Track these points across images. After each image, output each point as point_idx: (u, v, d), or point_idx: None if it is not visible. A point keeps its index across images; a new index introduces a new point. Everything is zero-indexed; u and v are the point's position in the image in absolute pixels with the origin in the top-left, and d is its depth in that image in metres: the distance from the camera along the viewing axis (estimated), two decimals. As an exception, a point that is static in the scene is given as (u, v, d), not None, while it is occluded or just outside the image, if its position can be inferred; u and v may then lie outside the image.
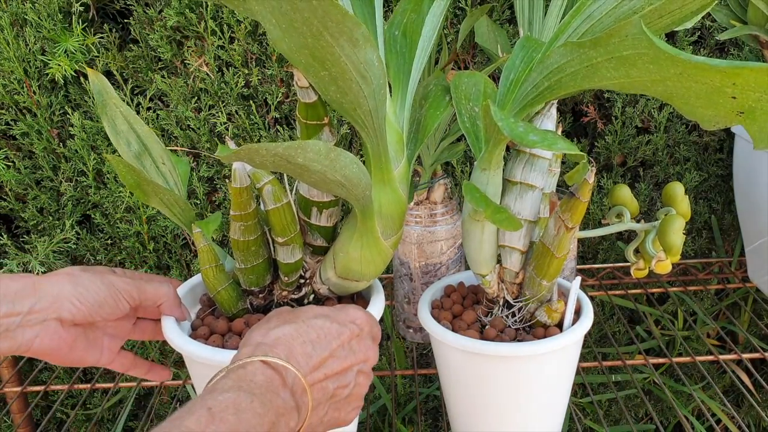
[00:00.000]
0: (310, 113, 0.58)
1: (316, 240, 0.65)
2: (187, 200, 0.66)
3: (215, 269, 0.65)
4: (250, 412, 0.46)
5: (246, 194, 0.59)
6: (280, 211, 0.60)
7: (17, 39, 1.04)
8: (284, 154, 0.47)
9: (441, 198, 0.87)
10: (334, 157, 0.49)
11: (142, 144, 0.67)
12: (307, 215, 0.64)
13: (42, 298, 0.58)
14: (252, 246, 0.63)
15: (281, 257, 0.64)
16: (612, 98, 1.09)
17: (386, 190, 0.59)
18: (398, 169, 0.60)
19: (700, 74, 0.42)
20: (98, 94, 0.65)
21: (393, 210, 0.60)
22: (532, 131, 0.49)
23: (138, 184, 0.62)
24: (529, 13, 0.72)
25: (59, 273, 0.61)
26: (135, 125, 0.66)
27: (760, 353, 0.94)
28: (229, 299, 0.66)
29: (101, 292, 0.61)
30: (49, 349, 0.60)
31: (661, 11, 0.50)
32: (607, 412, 1.24)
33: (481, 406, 0.69)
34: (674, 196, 0.71)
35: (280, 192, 0.60)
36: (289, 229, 0.61)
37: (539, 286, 0.65)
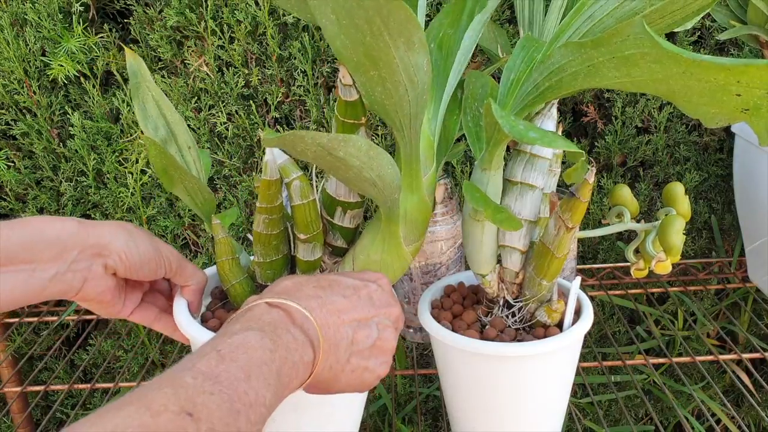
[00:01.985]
0: (349, 111, 0.58)
1: (336, 240, 0.65)
2: (210, 191, 0.65)
3: (231, 262, 0.64)
4: (260, 349, 0.46)
5: (274, 188, 0.59)
6: (305, 207, 0.60)
7: (17, 39, 1.04)
8: (327, 145, 0.47)
9: (441, 198, 0.87)
10: (374, 155, 0.50)
11: (170, 130, 0.66)
12: (331, 215, 0.64)
13: (93, 244, 0.58)
14: (273, 240, 0.62)
15: (301, 254, 0.63)
16: (612, 98, 1.09)
17: (413, 196, 0.59)
18: (427, 176, 0.60)
19: (703, 73, 0.42)
20: (133, 75, 0.65)
21: (418, 216, 0.61)
22: (531, 129, 0.49)
23: (165, 169, 0.61)
24: (529, 13, 0.72)
25: (114, 223, 0.61)
26: (165, 111, 0.66)
27: (760, 353, 0.94)
28: (242, 293, 0.66)
29: (148, 253, 0.61)
30: (94, 295, 0.60)
31: (663, 12, 0.50)
32: (607, 413, 1.24)
33: (481, 406, 0.69)
34: (674, 196, 0.71)
35: (307, 188, 0.59)
36: (312, 226, 0.61)
37: (539, 286, 0.65)
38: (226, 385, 0.42)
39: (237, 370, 0.43)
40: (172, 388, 0.40)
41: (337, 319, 0.52)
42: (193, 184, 0.63)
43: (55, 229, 0.57)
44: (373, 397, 1.12)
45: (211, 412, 0.40)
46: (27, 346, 1.19)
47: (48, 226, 0.57)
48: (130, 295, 0.65)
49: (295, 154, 0.50)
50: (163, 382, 0.40)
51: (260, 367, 0.45)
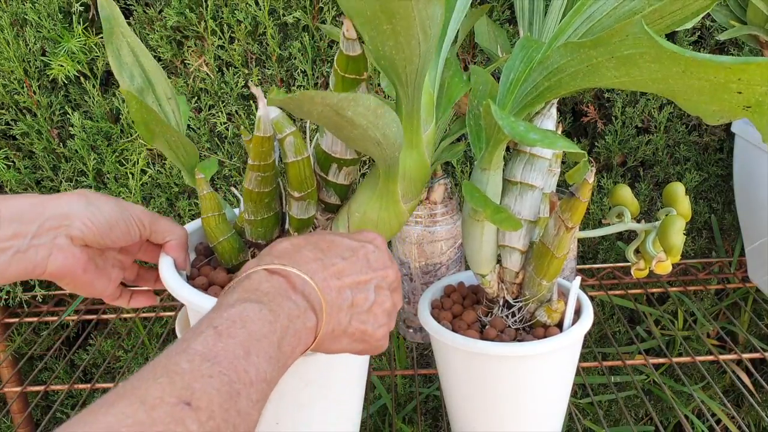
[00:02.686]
0: (351, 66, 0.56)
1: (330, 197, 0.63)
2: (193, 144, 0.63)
3: (217, 218, 0.62)
4: (259, 322, 0.44)
5: (267, 144, 0.57)
6: (299, 164, 0.58)
7: (17, 39, 1.04)
8: (336, 105, 0.46)
9: (441, 198, 0.87)
10: (381, 113, 0.48)
11: (147, 79, 0.64)
12: (325, 171, 0.62)
13: (51, 216, 0.56)
14: (265, 198, 0.61)
15: (294, 212, 0.61)
16: (612, 98, 1.09)
17: (413, 153, 0.58)
18: (427, 132, 0.59)
19: (703, 71, 0.42)
20: (106, 21, 0.62)
21: (417, 174, 0.59)
22: (532, 130, 0.49)
23: (146, 123, 0.59)
24: (529, 13, 0.72)
25: (71, 193, 0.59)
26: (141, 58, 0.63)
27: (760, 353, 0.94)
28: (230, 250, 0.63)
29: (114, 214, 0.59)
30: (63, 269, 0.57)
31: (662, 12, 0.50)
32: (607, 413, 1.24)
33: (481, 406, 0.69)
34: (674, 196, 0.71)
35: (301, 145, 0.57)
36: (306, 183, 0.59)
37: (539, 286, 0.65)
38: (225, 366, 0.40)
39: (236, 347, 0.42)
40: (167, 376, 0.38)
41: (338, 281, 0.51)
42: (175, 137, 0.61)
43: (9, 207, 0.55)
44: (373, 397, 1.12)
45: (210, 398, 0.38)
46: (27, 346, 1.19)
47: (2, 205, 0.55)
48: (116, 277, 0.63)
49: (299, 113, 0.49)
50: (157, 370, 0.39)
51: (260, 341, 0.43)
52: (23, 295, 1.11)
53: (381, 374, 1.02)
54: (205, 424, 0.37)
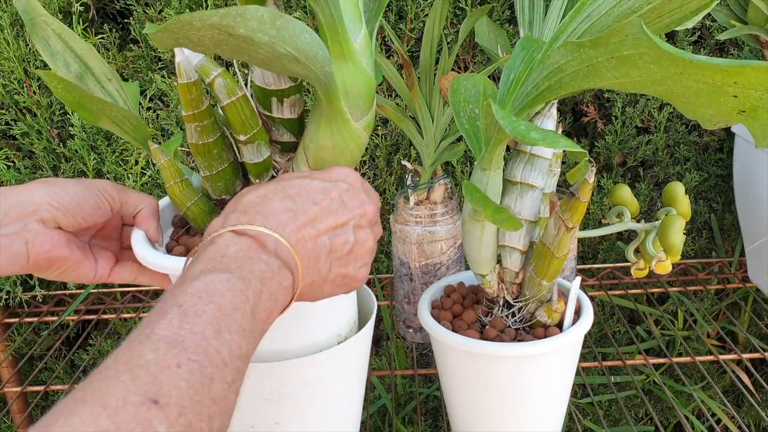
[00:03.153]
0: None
1: (282, 136, 0.60)
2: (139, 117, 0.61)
3: (181, 184, 0.61)
4: (228, 293, 0.41)
5: (195, 90, 0.55)
6: (236, 105, 0.55)
7: (17, 39, 1.04)
8: (222, 24, 0.42)
9: (441, 198, 0.87)
10: (281, 24, 0.44)
11: (82, 63, 0.62)
12: (268, 108, 0.59)
13: (15, 205, 0.55)
14: (213, 149, 0.58)
15: (248, 157, 0.59)
16: (612, 98, 1.09)
17: (348, 65, 0.54)
18: (359, 39, 0.55)
19: (701, 73, 0.42)
20: (25, 14, 0.59)
21: (359, 86, 0.55)
22: (534, 129, 0.49)
23: (80, 103, 0.57)
24: (529, 13, 0.72)
25: (30, 183, 0.57)
26: (71, 42, 0.61)
27: (760, 353, 0.94)
28: (201, 213, 0.62)
29: (78, 192, 0.58)
30: (46, 253, 0.56)
31: (661, 11, 0.50)
32: (607, 413, 1.24)
33: (481, 407, 0.69)
34: (674, 196, 0.71)
35: (233, 84, 0.55)
36: (249, 124, 0.57)
37: (539, 286, 0.65)
38: (193, 350, 0.37)
39: (204, 327, 0.39)
40: (130, 371, 0.35)
41: (313, 230, 0.48)
42: (116, 112, 0.59)
43: None
44: (373, 398, 1.12)
45: (180, 391, 0.35)
46: (27, 347, 1.19)
47: None
48: (101, 254, 0.62)
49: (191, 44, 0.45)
50: (120, 365, 0.35)
51: (231, 315, 0.40)
52: (23, 295, 1.11)
53: (381, 374, 1.02)
54: (174, 423, 0.34)
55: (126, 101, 0.63)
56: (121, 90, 0.63)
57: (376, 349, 1.20)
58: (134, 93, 0.65)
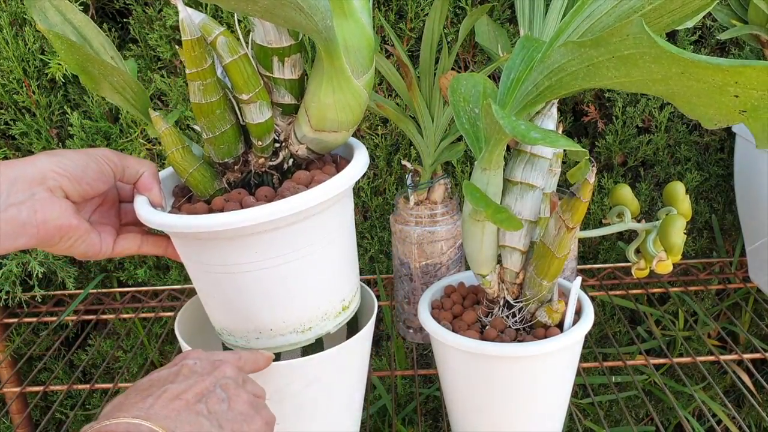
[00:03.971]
0: None
1: (283, 98, 0.60)
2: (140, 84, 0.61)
3: (181, 151, 0.61)
4: None
5: (199, 47, 0.55)
6: (238, 63, 0.56)
7: (16, 38, 1.04)
8: None
9: (441, 198, 0.87)
10: None
11: (81, 35, 0.62)
12: (269, 68, 0.59)
13: (20, 175, 0.55)
14: (216, 109, 0.58)
15: (250, 117, 0.59)
16: (613, 98, 1.09)
17: (348, 22, 0.54)
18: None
19: (702, 73, 0.41)
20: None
21: (359, 43, 0.56)
22: (534, 129, 0.49)
23: (83, 66, 0.57)
24: (529, 12, 0.72)
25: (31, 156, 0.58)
26: (69, 15, 0.61)
27: (761, 353, 0.93)
28: (203, 180, 0.62)
29: (82, 159, 0.58)
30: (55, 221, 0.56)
31: (662, 10, 0.50)
32: (608, 413, 1.24)
33: (481, 407, 0.69)
34: (675, 195, 0.71)
35: (234, 43, 0.55)
36: (251, 82, 0.57)
37: (540, 287, 0.65)
38: None
39: None
40: None
41: (180, 401, 0.49)
42: (119, 77, 0.59)
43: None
44: (373, 398, 1.12)
45: None
46: (26, 347, 1.18)
47: None
48: (102, 229, 0.62)
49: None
50: None
51: None
52: (22, 295, 1.11)
53: (381, 375, 1.02)
54: None
55: (123, 69, 0.63)
56: (120, 62, 0.63)
57: (376, 349, 1.20)
58: (132, 69, 0.65)
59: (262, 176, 0.64)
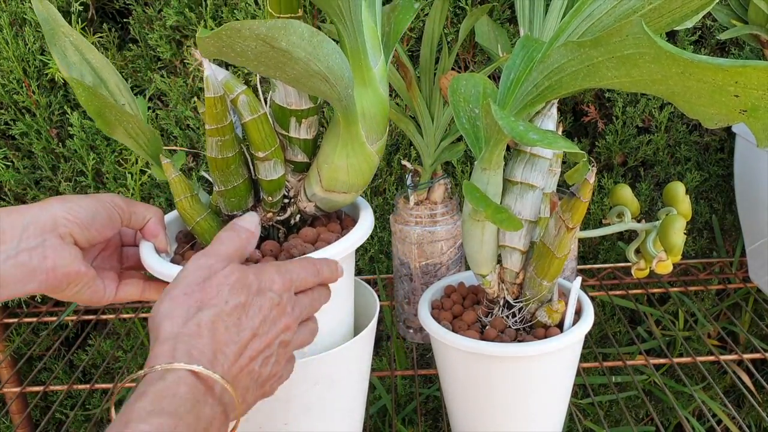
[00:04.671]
0: (284, 5, 0.54)
1: (296, 156, 0.62)
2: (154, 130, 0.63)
3: (191, 199, 0.61)
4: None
5: (220, 104, 0.56)
6: (257, 122, 0.57)
7: (16, 39, 1.04)
8: (267, 35, 0.44)
9: (441, 198, 0.87)
10: (317, 42, 0.46)
11: (97, 76, 0.63)
12: (285, 128, 0.60)
13: (33, 221, 0.56)
14: (231, 164, 0.59)
15: (263, 174, 0.60)
16: (613, 98, 1.09)
17: (368, 91, 0.56)
18: (377, 67, 0.57)
19: (702, 73, 0.41)
20: (45, 23, 0.60)
21: (376, 111, 0.58)
22: (532, 130, 0.49)
23: (100, 112, 0.58)
24: (529, 12, 0.72)
25: (41, 201, 0.59)
26: (87, 55, 0.62)
27: (761, 353, 0.93)
28: (209, 229, 0.63)
29: (91, 206, 0.59)
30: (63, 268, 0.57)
31: (661, 10, 0.50)
32: (608, 413, 1.24)
33: (481, 407, 0.69)
34: (675, 195, 0.71)
35: (255, 102, 0.56)
36: (268, 141, 0.58)
37: (540, 287, 0.65)
38: None
39: None
40: None
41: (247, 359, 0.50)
42: (134, 124, 0.60)
43: None
44: (373, 398, 1.12)
45: None
46: (26, 347, 1.18)
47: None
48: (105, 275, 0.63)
49: (233, 55, 0.47)
50: None
51: None
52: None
53: (381, 375, 1.02)
54: None
55: (137, 114, 0.64)
56: (134, 104, 0.64)
57: (376, 349, 1.20)
58: (143, 107, 0.67)
59: (268, 230, 0.65)
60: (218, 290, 0.50)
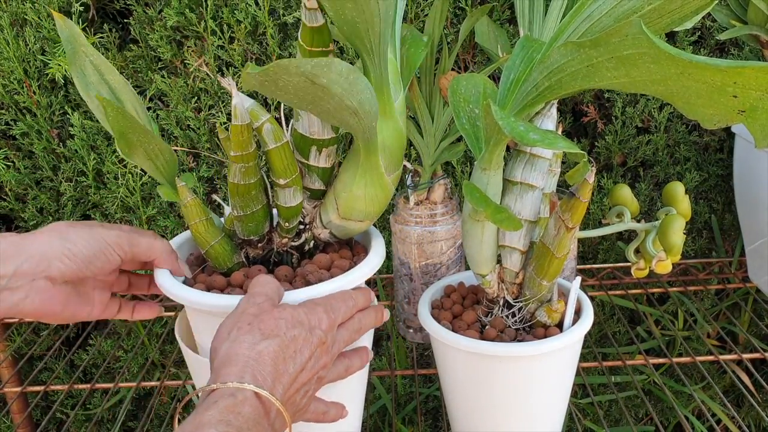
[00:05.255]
0: (316, 39, 0.55)
1: (314, 183, 0.63)
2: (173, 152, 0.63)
3: (205, 223, 0.62)
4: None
5: (246, 132, 0.57)
6: (280, 150, 0.58)
7: (17, 39, 1.04)
8: (311, 72, 0.46)
9: (441, 198, 0.87)
10: (353, 79, 0.48)
11: (115, 96, 0.63)
12: (306, 156, 0.62)
13: (28, 258, 0.56)
14: (252, 190, 0.60)
15: (282, 200, 0.61)
16: (612, 98, 1.09)
17: (389, 123, 0.58)
18: (398, 101, 0.59)
19: (701, 74, 0.41)
20: (67, 42, 0.61)
21: (395, 143, 0.60)
22: (532, 130, 0.49)
23: (124, 133, 0.58)
24: (529, 13, 0.72)
25: (45, 230, 0.59)
26: (107, 75, 0.63)
27: (761, 353, 0.93)
28: (223, 253, 0.63)
29: (91, 247, 0.59)
30: (41, 309, 0.57)
31: (661, 11, 0.50)
32: (607, 413, 1.24)
33: (481, 407, 0.69)
34: (674, 195, 0.71)
35: (279, 130, 0.58)
36: (290, 169, 0.60)
37: (539, 286, 0.65)
38: None
39: None
40: None
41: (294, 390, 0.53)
42: (155, 144, 0.61)
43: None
44: (373, 398, 1.12)
45: None
46: (27, 347, 1.19)
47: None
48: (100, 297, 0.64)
49: (275, 89, 0.48)
50: None
51: None
52: (23, 295, 1.11)
53: (381, 374, 1.02)
54: None
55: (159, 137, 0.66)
56: (149, 125, 0.65)
57: (376, 349, 1.20)
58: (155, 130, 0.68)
59: (282, 254, 0.66)
60: (276, 323, 0.53)
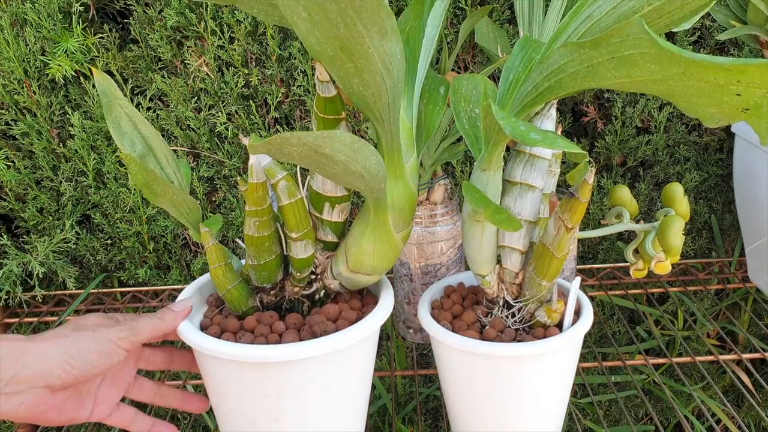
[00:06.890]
0: (329, 108, 0.58)
1: (327, 236, 0.65)
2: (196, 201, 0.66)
3: (224, 268, 0.65)
4: None
5: (262, 190, 0.60)
6: (294, 206, 0.61)
7: (17, 39, 1.04)
8: (314, 144, 0.48)
9: (441, 198, 0.87)
10: (358, 148, 0.50)
11: (147, 145, 0.67)
12: (319, 211, 0.64)
13: (28, 365, 0.56)
14: (266, 242, 0.63)
15: (294, 253, 0.64)
16: (612, 98, 1.09)
17: (398, 184, 0.60)
18: (410, 163, 0.61)
19: (703, 72, 0.41)
20: (103, 95, 0.65)
21: (405, 203, 0.61)
22: (533, 130, 0.49)
23: (148, 184, 0.62)
24: (529, 13, 0.72)
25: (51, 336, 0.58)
26: (140, 126, 0.67)
27: (760, 353, 0.94)
28: (239, 297, 0.66)
29: (93, 351, 0.59)
30: (35, 415, 0.57)
31: (661, 11, 0.50)
32: (607, 413, 1.24)
33: (480, 407, 0.69)
34: (673, 196, 0.71)
35: (294, 187, 0.60)
36: (303, 224, 0.62)
37: (539, 287, 0.65)
38: None
39: None
40: None
41: None
42: (177, 195, 0.64)
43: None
44: (373, 398, 1.12)
45: None
46: (27, 347, 1.18)
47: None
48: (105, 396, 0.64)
49: (281, 156, 0.51)
50: None
51: None
52: (23, 295, 1.11)
53: (381, 374, 1.02)
54: None
55: (181, 182, 0.69)
56: (178, 171, 0.69)
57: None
58: (186, 173, 0.71)
59: (293, 302, 0.69)
60: None
